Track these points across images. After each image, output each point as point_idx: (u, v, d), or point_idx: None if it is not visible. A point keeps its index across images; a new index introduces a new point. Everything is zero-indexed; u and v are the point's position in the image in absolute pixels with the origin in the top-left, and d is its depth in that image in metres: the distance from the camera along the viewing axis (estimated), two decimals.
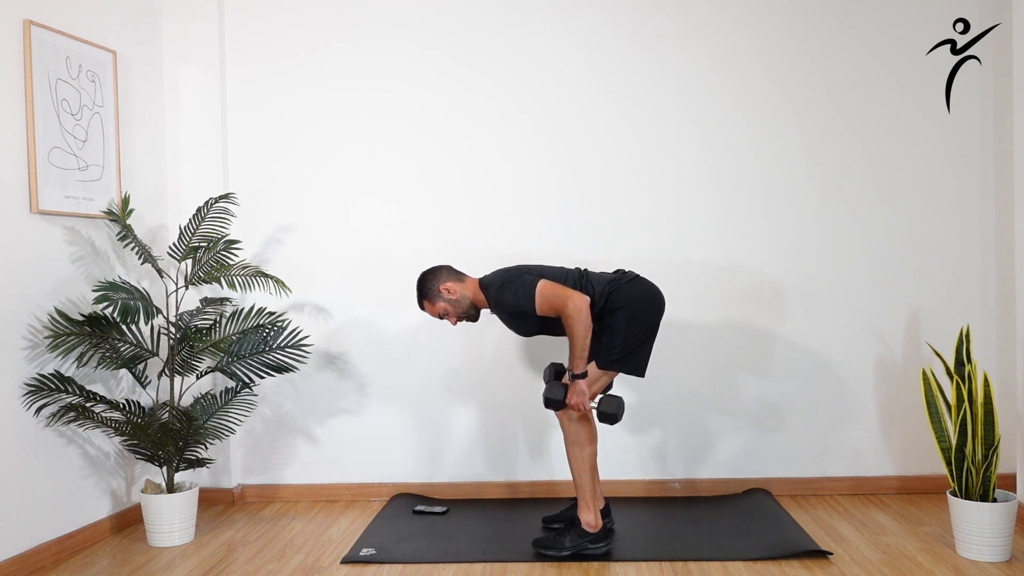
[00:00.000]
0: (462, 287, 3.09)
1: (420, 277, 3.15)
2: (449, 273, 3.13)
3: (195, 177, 3.78)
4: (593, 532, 3.03)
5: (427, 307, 3.13)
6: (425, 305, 3.13)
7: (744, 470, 3.76)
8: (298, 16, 3.82)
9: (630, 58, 3.75)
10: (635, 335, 2.98)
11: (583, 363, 2.93)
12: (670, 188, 3.76)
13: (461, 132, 3.80)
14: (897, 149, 3.71)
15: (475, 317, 3.15)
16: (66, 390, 3.05)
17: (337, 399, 3.85)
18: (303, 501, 3.83)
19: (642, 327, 3.01)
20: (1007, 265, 3.65)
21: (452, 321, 3.13)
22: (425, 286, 3.11)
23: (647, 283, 3.09)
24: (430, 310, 3.12)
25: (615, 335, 2.97)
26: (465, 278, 3.13)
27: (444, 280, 3.10)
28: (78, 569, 3.01)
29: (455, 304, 3.08)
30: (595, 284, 3.03)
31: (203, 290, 3.67)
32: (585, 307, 2.87)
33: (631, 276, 3.09)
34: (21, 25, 3.00)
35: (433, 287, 3.09)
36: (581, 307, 2.87)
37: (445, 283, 3.09)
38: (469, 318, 3.14)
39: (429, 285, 3.10)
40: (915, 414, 3.66)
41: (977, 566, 2.83)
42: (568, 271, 3.09)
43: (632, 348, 2.99)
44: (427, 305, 3.12)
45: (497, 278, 3.05)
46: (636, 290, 3.04)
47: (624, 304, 2.99)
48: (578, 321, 2.87)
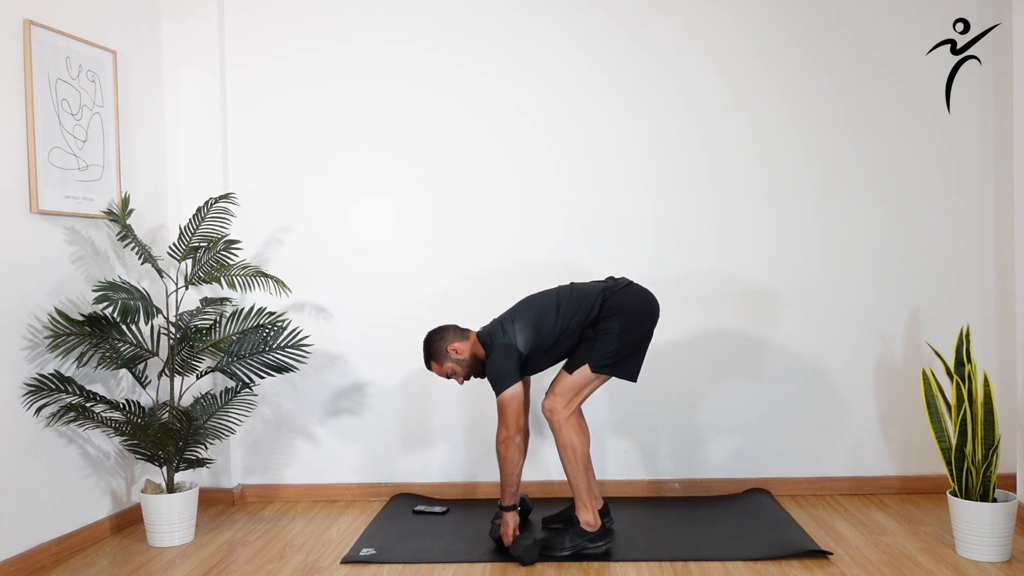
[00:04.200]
0: (467, 345, 3.10)
1: (427, 338, 3.14)
2: (455, 333, 3.12)
3: (195, 177, 3.78)
4: (592, 531, 3.03)
5: (435, 368, 3.13)
6: (433, 366, 3.13)
7: (744, 470, 3.76)
8: (298, 16, 3.82)
9: (630, 58, 3.75)
10: (629, 340, 2.99)
11: (508, 496, 2.99)
12: (670, 188, 3.76)
13: (461, 132, 3.80)
14: (897, 149, 3.71)
15: (482, 373, 3.12)
16: (66, 390, 3.05)
17: (337, 399, 3.85)
18: (303, 501, 3.83)
19: (636, 333, 3.02)
20: (1007, 265, 3.65)
21: (460, 380, 3.14)
22: (432, 347, 3.11)
23: (641, 289, 3.10)
24: (437, 371, 3.13)
25: (610, 339, 2.97)
26: (468, 334, 3.13)
27: (451, 341, 3.10)
28: (78, 569, 3.01)
29: (462, 364, 3.10)
30: (586, 297, 3.05)
31: (203, 290, 3.67)
32: (513, 447, 2.93)
33: (624, 283, 3.10)
34: (21, 25, 3.00)
35: (440, 348, 3.10)
36: (509, 445, 2.93)
37: (452, 343, 3.09)
38: (477, 375, 3.14)
39: (436, 347, 3.10)
40: (915, 414, 3.66)
41: (977, 566, 2.83)
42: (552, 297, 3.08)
43: (625, 353, 3.00)
44: (435, 366, 3.13)
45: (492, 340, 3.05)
46: (631, 297, 3.05)
47: (620, 310, 3.00)
48: (502, 458, 2.96)
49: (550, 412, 3.01)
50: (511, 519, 3.02)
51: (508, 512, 3.02)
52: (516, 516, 3.03)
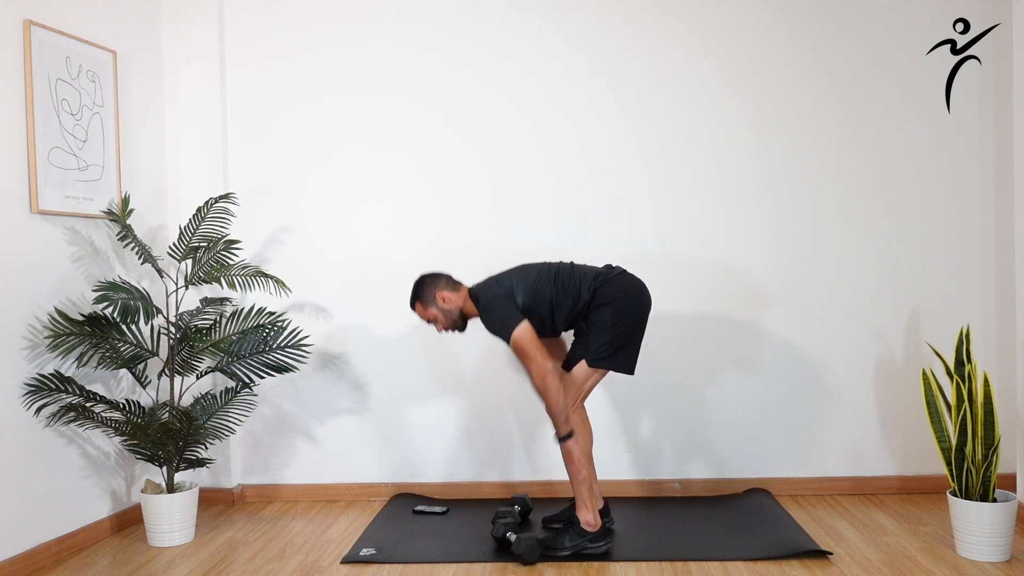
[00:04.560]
0: (456, 296, 3.11)
1: (419, 279, 3.16)
2: (448, 283, 3.13)
3: (195, 177, 3.78)
4: (592, 531, 3.03)
5: (418, 309, 3.14)
6: (417, 307, 3.14)
7: (744, 470, 3.76)
8: (298, 16, 3.82)
9: (629, 56, 3.75)
10: (622, 331, 2.99)
11: (564, 425, 2.96)
12: (669, 186, 3.76)
13: (461, 132, 3.80)
14: (897, 149, 3.71)
15: (462, 328, 3.17)
16: (66, 390, 3.05)
17: (337, 399, 3.85)
18: (303, 501, 3.83)
19: (629, 323, 3.01)
20: (1007, 265, 3.65)
21: (438, 328, 3.14)
22: (422, 289, 3.12)
23: (633, 278, 3.10)
24: (421, 313, 3.14)
25: (602, 332, 2.98)
26: (460, 287, 3.14)
27: (442, 288, 3.11)
28: (78, 569, 3.01)
29: (446, 314, 3.11)
30: (582, 279, 3.05)
31: (203, 290, 3.67)
32: (549, 375, 2.90)
33: (617, 271, 3.10)
34: (21, 25, 3.00)
35: (430, 293, 3.11)
36: (544, 375, 2.90)
37: (442, 291, 3.10)
38: (456, 328, 3.16)
39: (426, 290, 3.11)
40: (915, 414, 3.66)
41: (977, 566, 2.83)
42: (553, 267, 3.10)
43: (619, 345, 3.00)
44: (419, 307, 3.13)
45: (486, 299, 3.04)
46: (622, 285, 3.05)
47: (611, 300, 3.00)
48: (545, 391, 2.93)
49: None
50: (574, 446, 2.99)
51: (568, 440, 2.98)
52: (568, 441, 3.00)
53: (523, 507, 3.43)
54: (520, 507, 3.40)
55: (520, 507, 3.40)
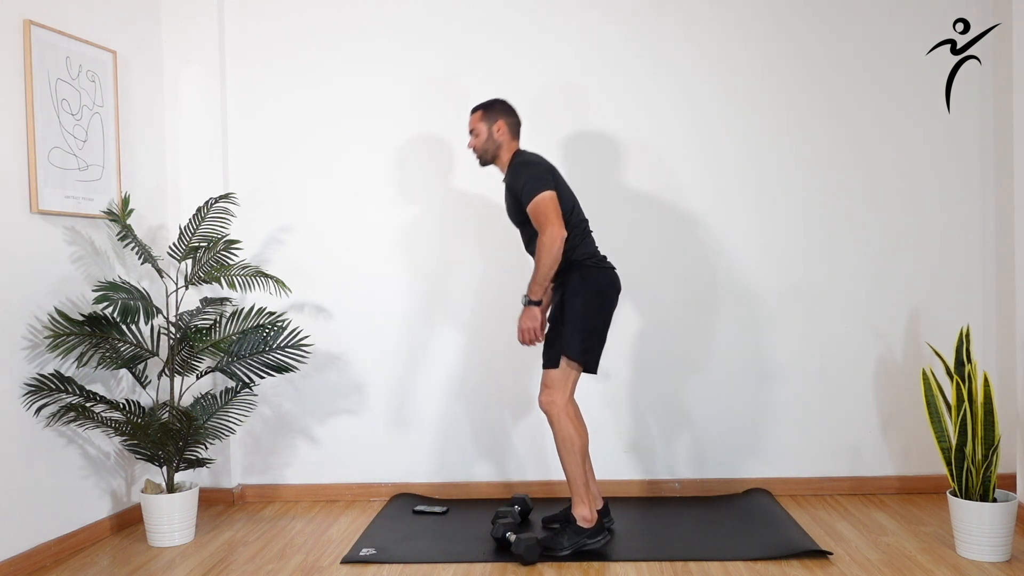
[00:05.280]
0: (507, 139, 3.13)
1: (501, 100, 3.18)
2: (512, 126, 3.15)
3: (195, 177, 3.78)
4: (589, 527, 3.03)
5: (477, 115, 3.15)
6: (478, 113, 3.15)
7: (744, 470, 3.76)
8: (298, 17, 3.82)
9: (629, 55, 3.75)
10: (593, 325, 3.03)
11: (540, 290, 2.98)
12: (668, 185, 3.76)
13: (461, 131, 3.79)
14: (897, 149, 3.71)
15: (483, 162, 3.17)
16: (66, 390, 3.05)
17: (337, 399, 3.85)
18: (303, 501, 3.83)
19: (600, 319, 3.06)
20: (1007, 265, 3.65)
21: (472, 144, 3.16)
22: (494, 108, 3.16)
23: (616, 278, 3.14)
24: (474, 119, 3.15)
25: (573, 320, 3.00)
26: (515, 141, 3.17)
27: (507, 121, 3.14)
28: (78, 569, 3.01)
29: (489, 141, 3.13)
30: (585, 235, 3.11)
31: (203, 290, 3.67)
32: (560, 241, 2.92)
33: (610, 265, 3.15)
34: (21, 25, 3.00)
35: (496, 116, 3.13)
36: (556, 239, 2.92)
37: (504, 123, 3.13)
38: (483, 156, 3.17)
39: (496, 111, 3.15)
40: (915, 414, 3.66)
41: (977, 566, 2.83)
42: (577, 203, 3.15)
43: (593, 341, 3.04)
44: (479, 114, 3.15)
45: (529, 159, 3.10)
46: (610, 279, 3.10)
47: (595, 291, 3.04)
48: (548, 252, 2.93)
49: (549, 405, 3.03)
50: (539, 312, 3.01)
51: (536, 306, 3.00)
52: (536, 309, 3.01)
53: (523, 507, 3.43)
54: (520, 507, 3.41)
55: (520, 507, 3.41)
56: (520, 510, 3.39)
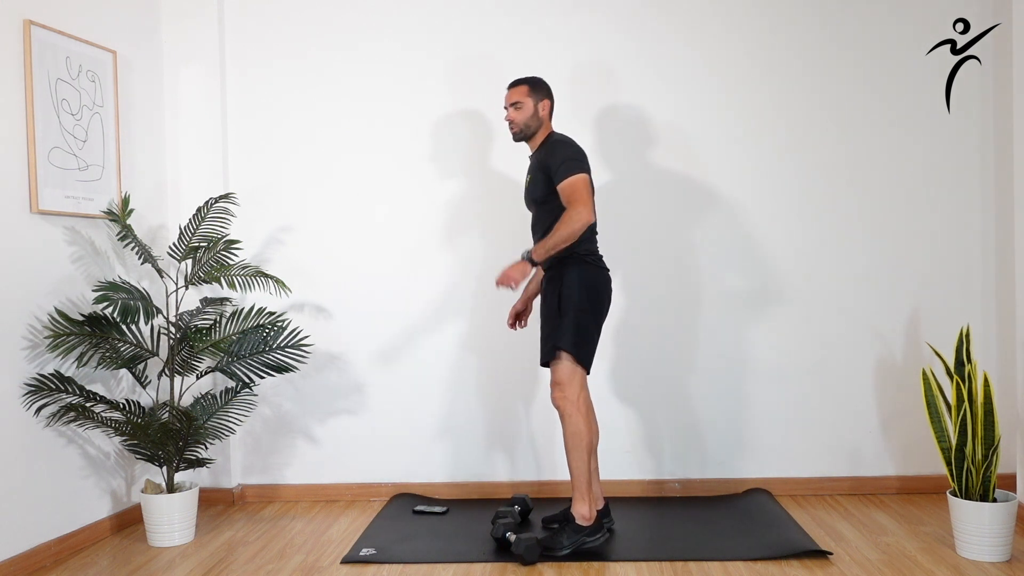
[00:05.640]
0: (547, 119, 3.18)
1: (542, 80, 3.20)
2: (552, 105, 3.20)
3: (195, 177, 3.78)
4: (587, 525, 3.03)
5: (523, 89, 3.15)
6: (525, 88, 3.15)
7: (744, 470, 3.76)
8: (298, 17, 3.82)
9: (628, 56, 3.75)
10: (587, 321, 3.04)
11: (544, 255, 2.97)
12: (668, 185, 3.76)
13: (462, 132, 3.80)
14: (897, 149, 3.71)
15: (519, 137, 3.17)
16: (66, 390, 3.05)
17: (337, 399, 3.85)
18: (303, 501, 3.83)
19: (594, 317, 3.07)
20: (1007, 265, 3.65)
21: (513, 117, 3.15)
22: (541, 85, 3.19)
23: (610, 279, 3.16)
24: (519, 94, 3.15)
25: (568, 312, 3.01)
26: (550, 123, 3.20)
27: (551, 100, 3.19)
28: (78, 569, 3.01)
29: (534, 117, 3.14)
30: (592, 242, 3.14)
31: (203, 290, 3.67)
32: (585, 224, 2.94)
33: (607, 267, 3.17)
34: (21, 25, 3.00)
35: (542, 94, 3.17)
36: (583, 219, 2.93)
37: (550, 102, 3.18)
38: (517, 134, 3.17)
39: (544, 88, 3.18)
40: (915, 414, 3.66)
41: (977, 566, 2.83)
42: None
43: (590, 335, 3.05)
44: (526, 89, 3.15)
45: (568, 139, 3.13)
46: (605, 280, 3.13)
47: (589, 288, 3.05)
48: (569, 226, 2.94)
49: (560, 400, 3.03)
50: (529, 272, 2.99)
51: (531, 266, 2.99)
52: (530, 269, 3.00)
53: (523, 507, 3.43)
54: (520, 507, 3.41)
55: (520, 507, 3.41)
56: (520, 510, 3.39)
